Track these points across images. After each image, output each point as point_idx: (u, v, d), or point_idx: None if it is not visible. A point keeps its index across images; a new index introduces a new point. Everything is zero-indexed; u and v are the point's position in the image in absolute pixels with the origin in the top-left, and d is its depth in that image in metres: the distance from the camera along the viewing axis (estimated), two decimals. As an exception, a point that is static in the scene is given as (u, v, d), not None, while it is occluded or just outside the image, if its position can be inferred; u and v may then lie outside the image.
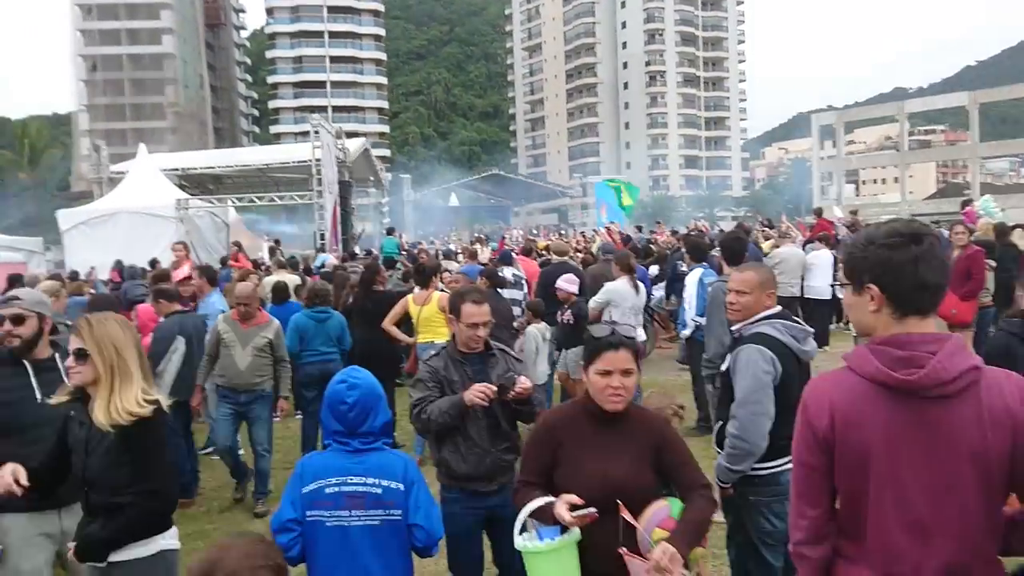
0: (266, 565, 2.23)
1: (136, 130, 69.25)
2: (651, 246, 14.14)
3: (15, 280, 12.65)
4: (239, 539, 2.35)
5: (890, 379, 1.72)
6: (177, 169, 24.97)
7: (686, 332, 7.56)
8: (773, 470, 3.17)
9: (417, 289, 7.87)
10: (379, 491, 2.65)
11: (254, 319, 6.50)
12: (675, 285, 10.91)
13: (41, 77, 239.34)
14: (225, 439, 6.44)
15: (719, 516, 4.04)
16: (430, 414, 3.45)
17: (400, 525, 2.68)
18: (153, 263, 14.02)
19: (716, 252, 7.18)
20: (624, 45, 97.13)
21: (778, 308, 3.27)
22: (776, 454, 3.15)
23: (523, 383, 3.49)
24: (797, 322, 3.25)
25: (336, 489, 2.64)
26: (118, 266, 15.13)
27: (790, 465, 3.12)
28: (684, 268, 9.74)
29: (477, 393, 3.36)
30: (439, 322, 7.24)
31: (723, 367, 3.28)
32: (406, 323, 7.71)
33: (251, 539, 2.36)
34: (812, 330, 3.26)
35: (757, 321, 3.21)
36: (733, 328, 3.39)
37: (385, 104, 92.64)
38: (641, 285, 8.43)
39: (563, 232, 35.73)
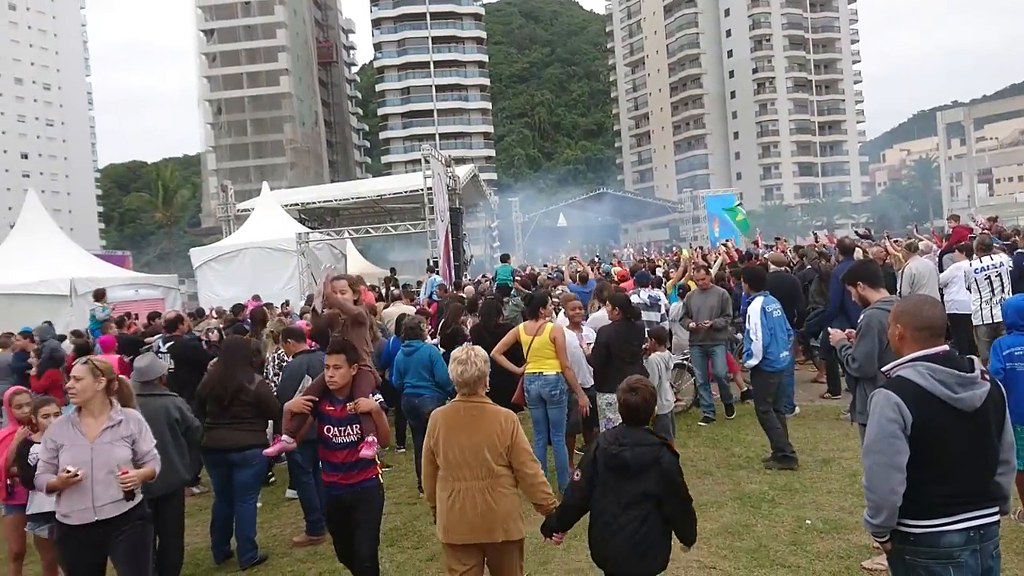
0: None
1: (258, 167, 73.26)
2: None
3: (154, 316, 13.53)
4: None
5: None
6: (297, 204, 26.16)
7: (752, 362, 7.12)
8: (929, 530, 2.86)
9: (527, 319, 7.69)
10: None
11: None
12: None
13: (173, 121, 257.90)
14: None
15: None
16: None
17: None
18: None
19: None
20: (730, 54, 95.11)
21: (936, 349, 2.92)
22: (931, 512, 2.86)
23: None
24: (962, 364, 2.88)
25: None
26: (255, 299, 15.87)
27: (951, 527, 2.84)
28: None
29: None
30: (549, 353, 7.11)
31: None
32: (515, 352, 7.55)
33: None
34: (975, 375, 2.84)
35: (907, 362, 2.93)
36: (883, 368, 3.14)
37: (490, 128, 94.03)
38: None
39: (676, 247, 35.00)
